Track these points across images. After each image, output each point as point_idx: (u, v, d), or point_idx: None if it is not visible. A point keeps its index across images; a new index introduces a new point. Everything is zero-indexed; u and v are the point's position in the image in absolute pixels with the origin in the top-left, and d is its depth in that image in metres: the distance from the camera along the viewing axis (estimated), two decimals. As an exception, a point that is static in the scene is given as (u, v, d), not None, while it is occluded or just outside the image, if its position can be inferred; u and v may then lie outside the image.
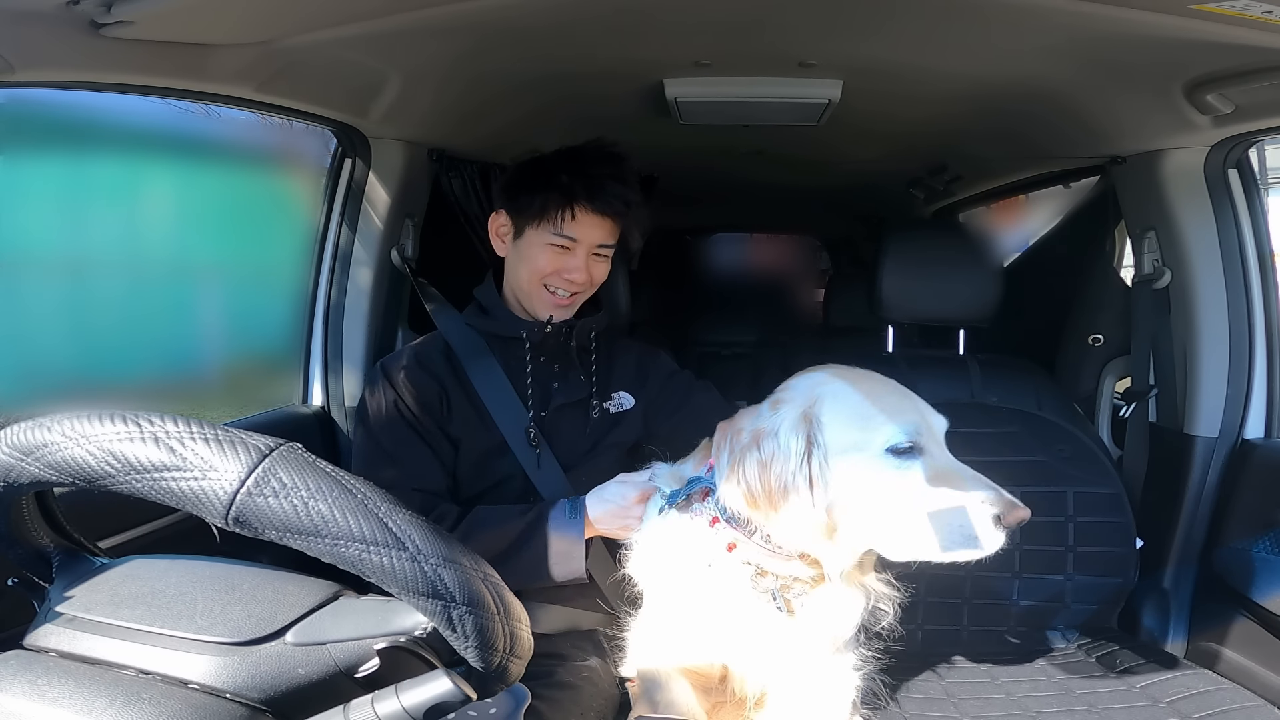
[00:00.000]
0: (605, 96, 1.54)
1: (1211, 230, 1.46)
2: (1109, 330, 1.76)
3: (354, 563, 0.49)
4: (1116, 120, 1.43)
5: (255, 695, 0.50)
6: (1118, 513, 1.46)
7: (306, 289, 1.57)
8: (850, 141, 1.87)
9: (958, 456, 1.51)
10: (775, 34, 1.21)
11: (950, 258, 1.63)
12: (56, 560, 0.58)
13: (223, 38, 1.00)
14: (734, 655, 1.03)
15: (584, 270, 1.24)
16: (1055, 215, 2.37)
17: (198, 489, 0.48)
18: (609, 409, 1.33)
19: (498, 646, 0.51)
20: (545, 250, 1.24)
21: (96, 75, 0.95)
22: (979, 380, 1.59)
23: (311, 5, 1.01)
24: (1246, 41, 1.01)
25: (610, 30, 1.21)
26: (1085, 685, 1.27)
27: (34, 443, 0.50)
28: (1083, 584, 1.45)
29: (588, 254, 1.24)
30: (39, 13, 0.80)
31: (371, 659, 0.51)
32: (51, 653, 0.52)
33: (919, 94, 1.47)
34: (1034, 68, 1.26)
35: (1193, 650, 1.46)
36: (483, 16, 1.10)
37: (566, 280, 1.25)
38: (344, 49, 1.14)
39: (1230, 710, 1.14)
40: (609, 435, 1.31)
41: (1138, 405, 1.63)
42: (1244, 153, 1.45)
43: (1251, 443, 1.46)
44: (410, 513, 0.51)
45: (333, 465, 0.52)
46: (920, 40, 1.20)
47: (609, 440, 1.31)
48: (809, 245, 3.94)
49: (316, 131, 1.49)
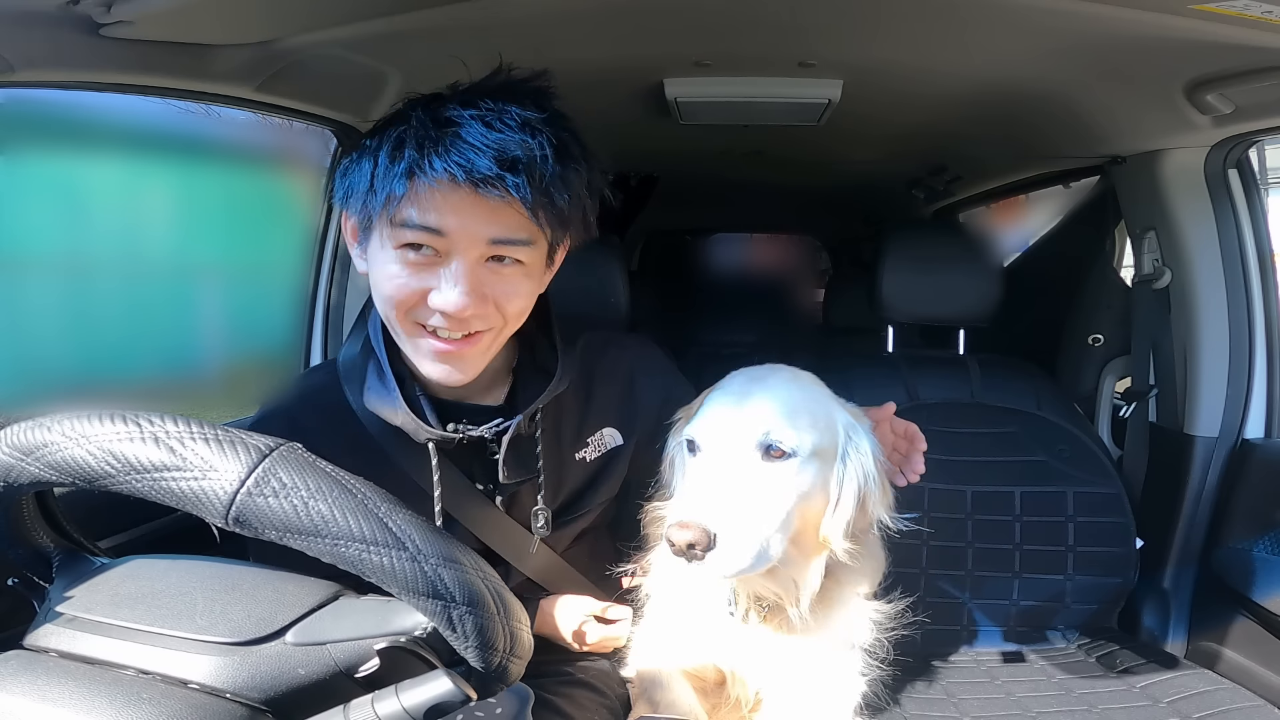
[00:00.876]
0: (605, 96, 1.54)
1: (1211, 230, 1.46)
2: (1109, 330, 1.76)
3: (354, 563, 0.49)
4: (1116, 120, 1.43)
5: (255, 695, 0.50)
6: (1118, 513, 1.46)
7: (306, 289, 1.57)
8: (850, 142, 1.87)
9: (958, 456, 1.52)
10: (775, 34, 1.21)
11: (950, 258, 1.63)
12: (56, 560, 0.58)
13: (223, 38, 1.00)
14: (734, 658, 1.03)
15: (470, 292, 0.77)
16: (1055, 215, 2.37)
17: (198, 489, 0.48)
18: (586, 457, 1.01)
19: (498, 646, 0.51)
20: (395, 258, 0.79)
21: (96, 75, 0.95)
22: (979, 380, 1.58)
23: (311, 5, 1.01)
24: (1246, 41, 1.01)
25: (610, 30, 1.21)
26: (1085, 685, 1.27)
27: (34, 443, 0.50)
28: (1083, 584, 1.45)
29: (475, 260, 0.79)
30: (39, 13, 0.80)
31: (371, 659, 0.51)
32: (52, 653, 0.52)
33: (919, 94, 1.47)
34: (1034, 68, 1.26)
35: (1193, 650, 1.46)
36: (483, 16, 1.10)
37: (440, 313, 0.79)
38: (344, 49, 1.14)
39: (1230, 710, 1.14)
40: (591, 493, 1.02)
41: (1138, 405, 1.63)
42: (1244, 153, 1.45)
43: (1251, 443, 1.46)
44: (410, 512, 0.52)
45: (332, 465, 0.52)
46: (920, 40, 1.20)
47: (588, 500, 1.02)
48: (809, 245, 3.94)
49: (316, 131, 1.49)
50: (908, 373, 1.59)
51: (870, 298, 1.66)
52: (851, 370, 1.62)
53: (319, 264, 1.57)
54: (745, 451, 0.88)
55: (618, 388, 1.05)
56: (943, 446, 1.49)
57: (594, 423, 1.03)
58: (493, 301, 0.82)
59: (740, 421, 0.89)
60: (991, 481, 1.48)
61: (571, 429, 1.01)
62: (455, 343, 0.82)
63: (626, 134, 1.85)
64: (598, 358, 1.05)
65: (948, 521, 1.46)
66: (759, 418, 0.89)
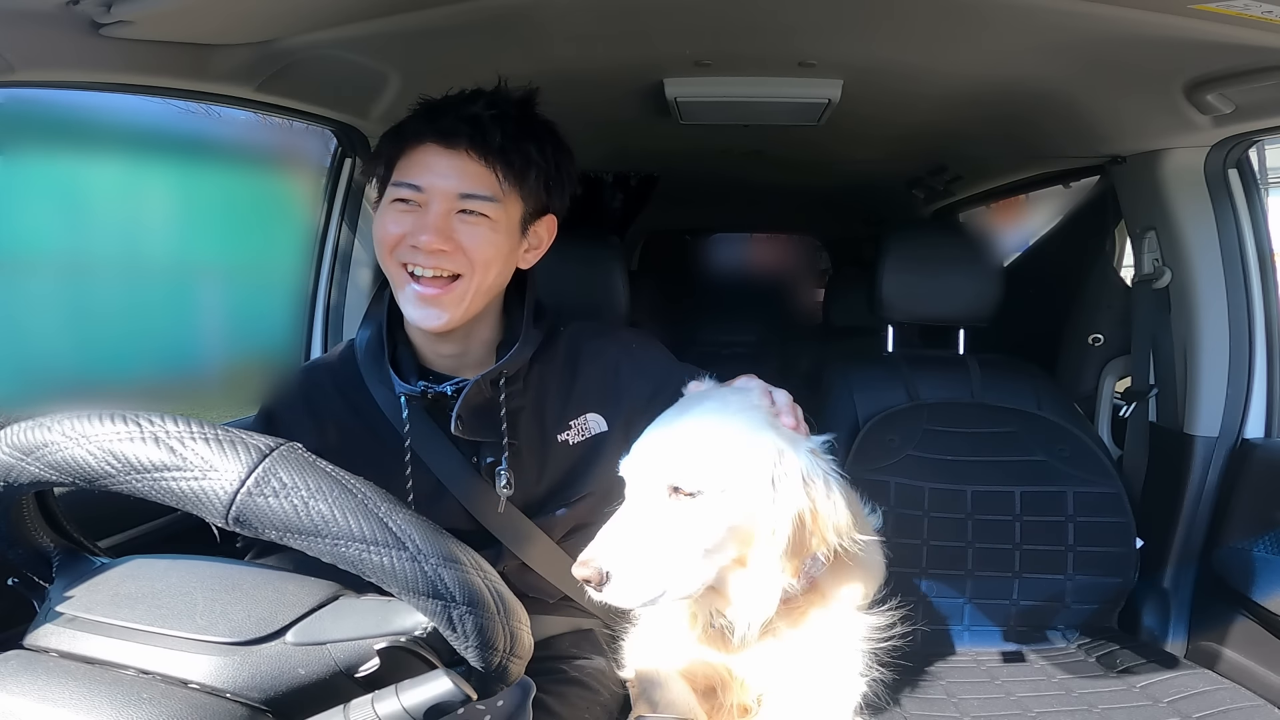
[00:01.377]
0: (605, 96, 1.54)
1: (1211, 230, 1.46)
2: (1109, 330, 1.76)
3: (354, 563, 0.49)
4: (1116, 120, 1.43)
5: (255, 695, 0.50)
6: (1118, 513, 1.45)
7: (306, 289, 1.57)
8: (850, 141, 1.87)
9: (958, 456, 1.52)
10: (775, 34, 1.21)
11: (950, 258, 1.63)
12: (56, 560, 0.58)
13: (223, 38, 1.00)
14: (732, 660, 1.03)
15: (438, 230, 0.93)
16: (1055, 215, 2.37)
17: (198, 489, 0.48)
18: (569, 440, 1.06)
19: (498, 646, 0.51)
20: (390, 211, 0.97)
21: (96, 75, 0.95)
22: (979, 380, 1.58)
23: (311, 5, 1.01)
24: (1246, 41, 1.01)
25: (610, 30, 1.21)
26: (1085, 685, 1.27)
27: (34, 443, 0.50)
28: (1083, 584, 1.45)
29: (446, 211, 0.95)
30: (39, 13, 0.80)
31: (371, 659, 0.51)
32: (52, 652, 0.52)
33: (919, 94, 1.47)
34: (1034, 68, 1.26)
35: (1193, 650, 1.46)
36: (483, 16, 1.10)
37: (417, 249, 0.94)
38: (344, 49, 1.14)
39: (1230, 710, 1.14)
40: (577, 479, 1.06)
41: (1138, 405, 1.63)
42: (1244, 153, 1.45)
43: (1251, 443, 1.46)
44: (410, 512, 0.52)
45: (332, 465, 0.52)
46: (920, 40, 1.20)
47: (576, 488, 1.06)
48: (809, 245, 3.94)
49: (316, 131, 1.50)
50: (908, 373, 1.59)
51: (870, 298, 1.66)
52: (851, 370, 1.62)
53: (319, 264, 1.57)
54: (654, 490, 0.90)
55: (602, 374, 1.09)
56: (943, 446, 1.50)
57: (576, 406, 1.08)
58: (461, 248, 0.96)
59: (650, 462, 0.92)
60: (991, 481, 1.48)
61: (554, 410, 1.07)
62: (435, 285, 0.96)
63: (626, 134, 1.85)
64: (585, 344, 1.11)
65: (948, 521, 1.46)
66: (665, 458, 0.91)
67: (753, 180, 2.57)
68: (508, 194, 0.97)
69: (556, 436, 1.06)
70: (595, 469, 1.06)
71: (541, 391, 1.06)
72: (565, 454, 1.07)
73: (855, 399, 1.56)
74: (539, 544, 1.07)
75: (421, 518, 0.52)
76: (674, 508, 0.89)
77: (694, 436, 0.92)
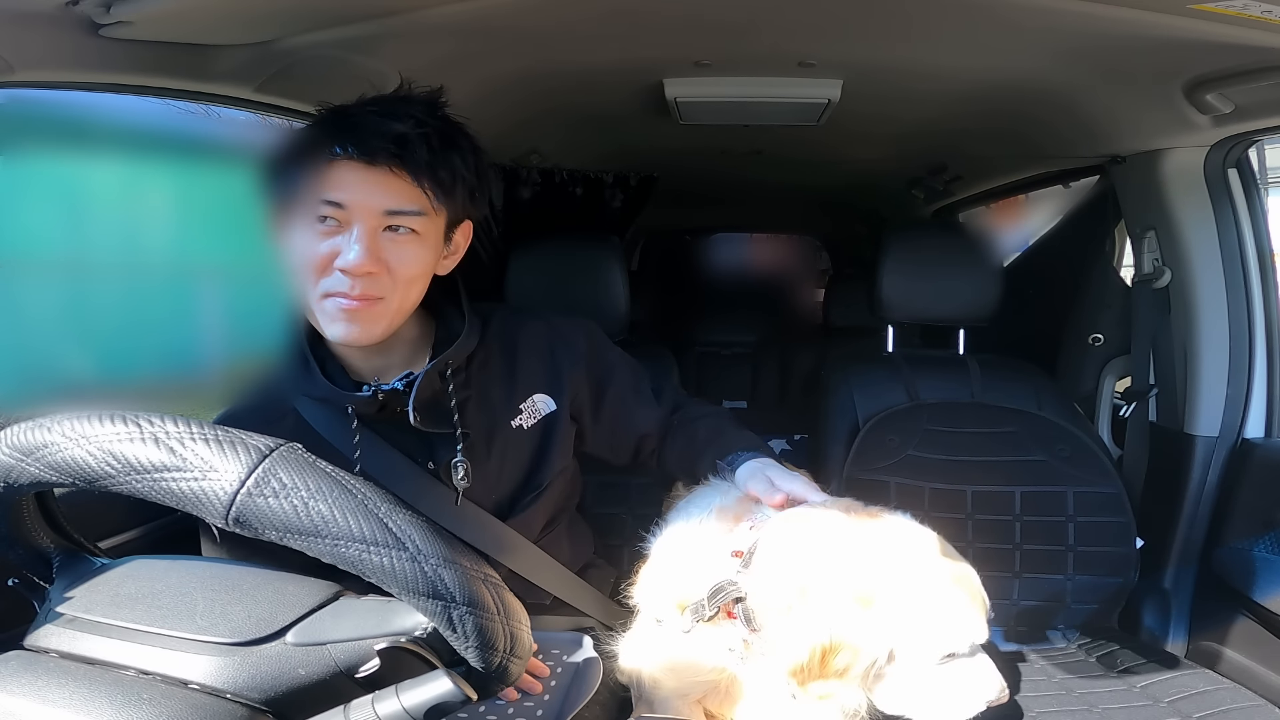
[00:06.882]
0: (605, 96, 1.54)
1: (1211, 230, 1.46)
2: (1109, 330, 1.76)
3: (354, 563, 0.49)
4: (1116, 120, 1.43)
5: (256, 695, 0.50)
6: (1118, 512, 1.45)
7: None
8: (850, 141, 1.87)
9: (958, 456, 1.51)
10: (775, 34, 1.21)
11: (950, 258, 1.63)
12: (56, 561, 0.58)
13: (222, 38, 1.00)
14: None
15: (368, 250, 0.88)
16: (1055, 215, 2.37)
17: (198, 489, 0.48)
18: (523, 424, 1.05)
19: (498, 646, 0.51)
20: (308, 231, 0.90)
21: (96, 75, 0.95)
22: (979, 380, 1.58)
23: (311, 5, 1.01)
24: (1246, 41, 1.01)
25: (610, 30, 1.21)
26: (1085, 685, 1.27)
27: (34, 443, 0.50)
28: (1083, 584, 1.45)
29: (373, 229, 0.89)
30: (39, 13, 0.80)
31: (372, 659, 0.51)
32: (52, 653, 0.52)
33: (919, 94, 1.47)
34: (1034, 68, 1.26)
35: (1193, 650, 1.46)
36: (483, 17, 1.10)
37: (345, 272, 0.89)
38: (344, 49, 1.14)
39: (1230, 710, 1.14)
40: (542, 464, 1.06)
41: (1138, 405, 1.63)
42: (1244, 152, 1.45)
43: (1251, 442, 1.46)
44: (410, 512, 0.52)
45: (332, 465, 0.52)
46: (920, 40, 1.20)
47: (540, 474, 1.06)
48: (809, 245, 3.94)
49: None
50: (908, 373, 1.59)
51: (870, 298, 1.66)
52: (851, 370, 1.62)
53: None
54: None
55: (539, 356, 1.09)
56: (943, 446, 1.50)
57: (523, 389, 1.07)
58: (388, 267, 0.91)
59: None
60: (991, 481, 1.48)
61: (501, 397, 1.05)
62: (358, 299, 0.90)
63: (626, 134, 1.85)
64: (519, 329, 1.09)
65: (948, 521, 1.45)
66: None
67: (753, 180, 2.57)
68: (436, 209, 0.93)
69: (510, 423, 1.05)
70: (554, 452, 1.07)
71: (485, 380, 1.05)
72: (522, 439, 1.05)
73: (855, 399, 1.56)
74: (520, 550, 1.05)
75: (421, 518, 0.52)
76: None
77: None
